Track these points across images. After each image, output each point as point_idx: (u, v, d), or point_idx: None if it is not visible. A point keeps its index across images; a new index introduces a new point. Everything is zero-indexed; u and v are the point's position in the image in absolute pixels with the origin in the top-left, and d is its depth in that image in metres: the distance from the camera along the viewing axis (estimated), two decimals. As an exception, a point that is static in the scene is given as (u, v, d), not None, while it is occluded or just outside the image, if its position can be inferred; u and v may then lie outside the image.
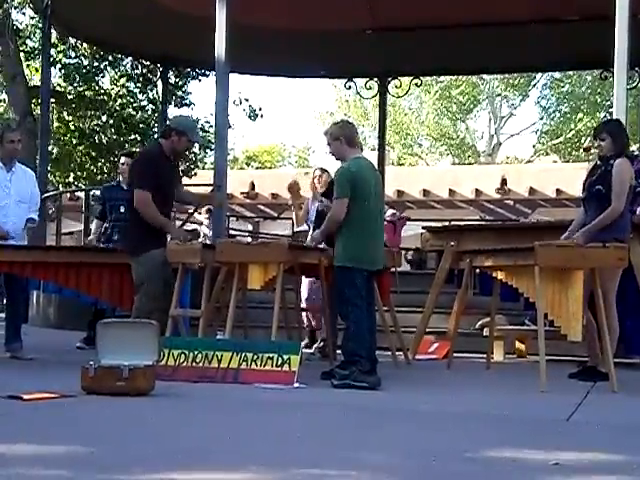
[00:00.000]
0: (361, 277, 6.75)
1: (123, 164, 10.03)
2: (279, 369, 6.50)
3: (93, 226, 10.46)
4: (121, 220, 9.69)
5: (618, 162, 7.16)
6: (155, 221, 7.56)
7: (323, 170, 9.76)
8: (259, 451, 4.07)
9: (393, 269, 8.87)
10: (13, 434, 4.41)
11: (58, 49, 21.10)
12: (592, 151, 7.49)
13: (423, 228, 9.96)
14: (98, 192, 12.38)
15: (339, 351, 8.64)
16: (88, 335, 9.89)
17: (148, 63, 17.94)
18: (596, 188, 7.22)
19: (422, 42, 14.86)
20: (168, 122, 9.75)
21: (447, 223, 15.06)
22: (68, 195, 21.16)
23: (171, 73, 18.99)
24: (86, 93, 21.97)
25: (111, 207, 9.86)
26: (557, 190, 24.02)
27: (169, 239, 7.76)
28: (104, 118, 22.85)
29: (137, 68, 21.55)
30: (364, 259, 6.77)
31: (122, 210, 9.71)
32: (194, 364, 6.69)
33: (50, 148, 17.38)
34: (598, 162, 7.40)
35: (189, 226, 13.88)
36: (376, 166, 7.79)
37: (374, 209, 6.90)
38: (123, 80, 22.94)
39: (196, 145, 21.68)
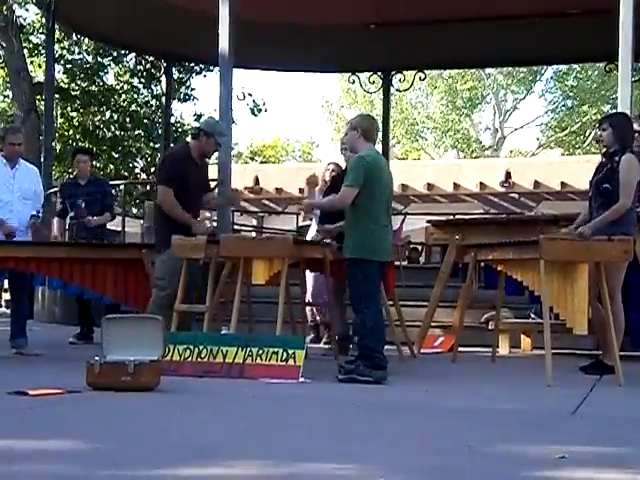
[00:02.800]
0: (375, 270, 6.74)
1: (79, 161, 10.12)
2: (284, 364, 6.50)
3: (55, 224, 10.41)
4: (81, 215, 9.75)
5: (625, 158, 7.13)
6: (176, 216, 7.74)
7: (337, 165, 9.73)
8: (265, 446, 4.06)
9: (398, 263, 8.86)
10: (19, 430, 4.41)
11: (62, 45, 21.11)
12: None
13: (427, 222, 9.95)
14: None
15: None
16: (81, 330, 9.90)
17: (152, 59, 17.95)
18: (603, 186, 7.18)
19: (426, 36, 14.87)
20: (198, 124, 9.81)
21: (451, 217, 15.05)
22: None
23: (175, 69, 18.97)
24: (90, 89, 21.96)
25: (71, 204, 9.90)
26: (562, 183, 24.01)
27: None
28: (108, 114, 22.86)
29: (141, 64, 21.57)
30: (377, 250, 6.75)
31: (82, 205, 9.77)
32: (199, 359, 6.68)
33: (53, 144, 17.37)
34: (603, 159, 7.37)
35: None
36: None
37: (385, 202, 6.90)
38: (127, 76, 22.94)
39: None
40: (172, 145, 15.77)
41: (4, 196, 8.32)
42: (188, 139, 8.01)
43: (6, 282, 8.78)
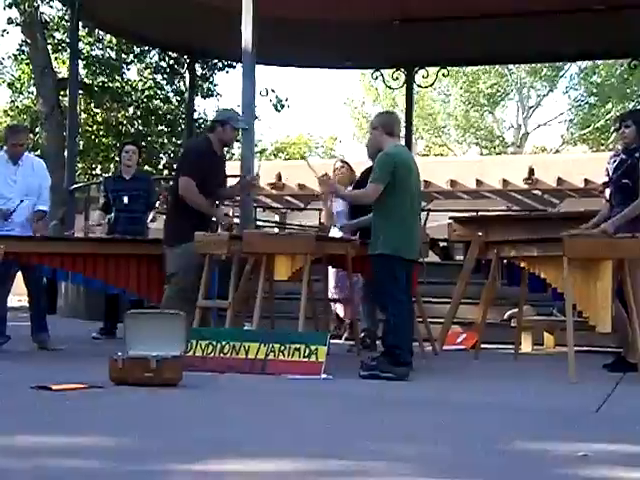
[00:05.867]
0: (400, 267, 6.72)
1: (128, 152, 10.07)
2: (306, 360, 6.50)
3: (95, 216, 10.43)
4: (125, 211, 9.75)
5: None
6: (199, 205, 7.74)
7: (344, 162, 9.75)
8: (287, 442, 4.07)
9: (421, 259, 8.85)
10: (42, 425, 4.44)
11: (85, 41, 21.17)
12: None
13: (450, 218, 9.93)
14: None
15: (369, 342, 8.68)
16: (105, 325, 9.92)
17: (175, 55, 17.99)
18: (623, 182, 7.17)
19: (449, 32, 14.81)
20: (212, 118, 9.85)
21: (474, 213, 15.03)
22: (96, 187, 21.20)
23: (198, 65, 19.00)
24: (113, 85, 22.02)
25: (114, 198, 9.88)
26: (585, 180, 23.84)
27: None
28: (131, 110, 22.91)
29: (164, 60, 21.62)
30: (403, 248, 6.72)
31: (125, 201, 9.76)
32: (222, 355, 6.69)
33: (77, 140, 17.41)
34: (623, 156, 7.33)
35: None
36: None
37: (413, 199, 6.86)
38: (150, 72, 22.99)
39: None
40: (193, 138, 15.77)
41: (6, 193, 8.32)
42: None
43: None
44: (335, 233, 9.21)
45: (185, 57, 17.07)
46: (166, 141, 23.02)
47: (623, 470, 3.60)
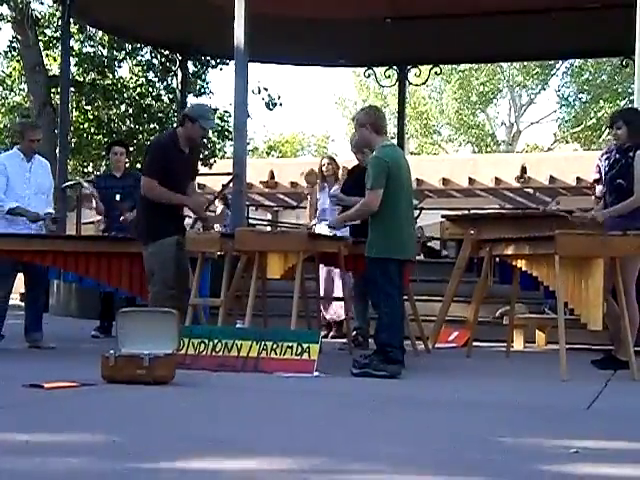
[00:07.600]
0: (394, 266, 6.72)
1: (116, 154, 10.08)
2: (299, 358, 6.50)
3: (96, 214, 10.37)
4: (116, 208, 9.72)
5: (639, 153, 7.12)
6: (168, 199, 7.39)
7: (331, 159, 9.81)
8: (280, 440, 4.07)
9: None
10: (34, 423, 4.43)
11: (76, 38, 21.11)
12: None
13: (443, 217, 9.95)
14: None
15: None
16: (102, 324, 9.90)
17: (167, 52, 17.96)
18: (617, 182, 7.19)
19: (441, 30, 14.83)
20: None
21: (467, 212, 15.04)
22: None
23: (190, 62, 18.96)
24: (104, 82, 21.96)
25: (106, 195, 9.86)
26: (577, 178, 23.91)
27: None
28: (123, 107, 22.84)
29: (156, 57, 21.56)
30: (398, 249, 6.73)
31: (117, 198, 9.75)
32: (214, 353, 6.69)
33: (69, 137, 17.34)
34: (617, 155, 7.34)
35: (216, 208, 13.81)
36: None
37: (406, 200, 6.86)
38: (141, 69, 22.92)
39: (214, 133, 21.69)
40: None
41: (21, 191, 8.34)
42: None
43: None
44: (322, 230, 9.22)
45: (177, 54, 17.05)
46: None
47: (613, 466, 3.61)
